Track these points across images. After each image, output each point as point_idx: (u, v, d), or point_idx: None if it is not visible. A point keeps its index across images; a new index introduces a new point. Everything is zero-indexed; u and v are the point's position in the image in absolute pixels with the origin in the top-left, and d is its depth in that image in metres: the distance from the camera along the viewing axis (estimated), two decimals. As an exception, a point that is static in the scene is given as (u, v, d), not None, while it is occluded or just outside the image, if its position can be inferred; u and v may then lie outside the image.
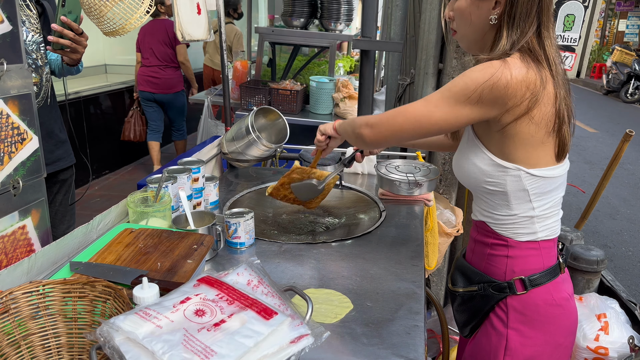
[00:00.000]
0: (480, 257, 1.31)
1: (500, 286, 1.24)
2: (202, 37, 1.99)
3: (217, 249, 1.48)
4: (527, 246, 1.23)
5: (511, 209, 1.20)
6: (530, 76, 1.07)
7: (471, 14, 1.17)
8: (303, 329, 0.85)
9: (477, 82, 1.08)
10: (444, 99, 1.12)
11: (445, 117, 1.12)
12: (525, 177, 1.16)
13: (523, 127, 1.11)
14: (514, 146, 1.14)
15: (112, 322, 0.81)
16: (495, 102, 1.08)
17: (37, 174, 1.40)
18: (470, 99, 1.08)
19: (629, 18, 19.07)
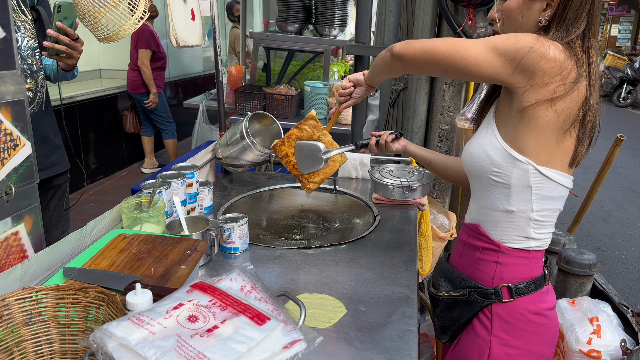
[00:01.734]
0: (468, 261, 1.29)
1: (486, 292, 1.23)
2: (196, 42, 2.00)
3: (211, 254, 1.48)
4: (518, 254, 1.22)
5: (510, 204, 1.18)
6: (566, 63, 1.06)
7: (522, 15, 1.15)
8: (296, 335, 0.86)
9: (519, 38, 1.07)
10: (485, 42, 1.10)
11: (477, 55, 1.09)
12: (533, 174, 1.14)
13: (541, 110, 1.08)
14: (529, 134, 1.11)
15: (105, 329, 0.81)
16: (526, 69, 1.06)
17: (30, 180, 1.40)
18: (507, 52, 1.07)
19: (621, 23, 19.24)
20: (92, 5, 1.43)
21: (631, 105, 11.84)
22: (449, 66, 1.13)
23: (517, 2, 1.15)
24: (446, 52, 1.12)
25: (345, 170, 2.22)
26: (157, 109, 5.32)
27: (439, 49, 1.13)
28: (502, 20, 1.19)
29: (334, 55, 5.51)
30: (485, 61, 1.09)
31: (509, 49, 1.07)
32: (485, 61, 1.09)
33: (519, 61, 1.06)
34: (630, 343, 2.23)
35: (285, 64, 4.45)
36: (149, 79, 5.07)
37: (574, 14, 1.09)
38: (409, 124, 2.54)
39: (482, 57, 1.09)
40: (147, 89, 5.16)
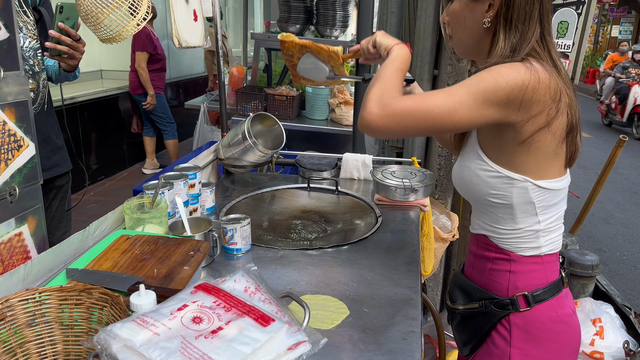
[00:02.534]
0: (481, 272, 1.24)
1: (502, 303, 1.18)
2: (199, 43, 2.00)
3: (214, 255, 1.48)
4: (531, 261, 1.18)
5: (516, 222, 1.15)
6: (553, 83, 1.03)
7: (465, 18, 1.13)
8: (300, 336, 0.85)
9: (507, 79, 1.00)
10: (471, 95, 1.01)
11: (469, 116, 1.02)
12: (533, 189, 1.11)
13: (541, 136, 1.06)
14: (526, 157, 1.08)
15: (110, 330, 0.81)
16: (521, 106, 1.01)
17: (34, 180, 1.40)
18: (499, 99, 1.00)
19: (621, 24, 19.23)
20: (94, 6, 1.43)
21: (632, 106, 11.82)
22: (438, 132, 1.13)
23: (460, 5, 1.13)
24: (431, 127, 1.04)
25: (347, 171, 2.22)
26: (157, 110, 5.34)
27: (422, 127, 1.04)
28: (450, 23, 1.17)
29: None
30: (478, 116, 1.03)
31: (500, 96, 1.00)
32: (478, 116, 1.03)
33: (513, 103, 1.01)
34: (633, 344, 2.23)
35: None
36: (146, 81, 5.10)
37: (520, 12, 1.06)
38: (411, 124, 2.54)
39: (473, 114, 1.02)
40: (144, 90, 5.19)
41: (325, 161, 2.23)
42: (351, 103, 3.61)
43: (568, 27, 2.23)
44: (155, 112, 5.34)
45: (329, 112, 3.91)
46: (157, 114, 5.38)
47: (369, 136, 3.22)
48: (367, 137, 3.19)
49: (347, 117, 3.71)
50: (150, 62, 5.12)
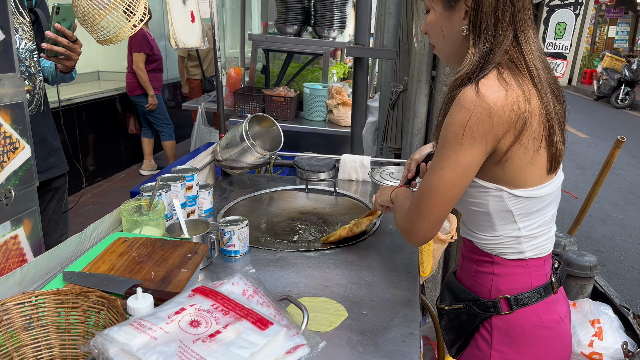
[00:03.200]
0: (467, 273, 1.24)
1: (485, 305, 1.17)
2: (196, 45, 1.99)
3: (212, 257, 1.47)
4: (514, 264, 1.16)
5: (495, 229, 1.14)
6: (510, 98, 1.00)
7: (442, 28, 1.11)
8: (299, 339, 0.85)
9: (462, 122, 1.01)
10: (444, 158, 1.05)
11: (455, 174, 1.04)
12: (508, 198, 1.10)
13: (513, 152, 1.04)
14: (501, 171, 1.07)
15: (107, 334, 0.80)
16: (487, 136, 1.01)
17: (30, 183, 1.39)
18: (463, 144, 1.02)
19: (618, 24, 19.30)
20: (91, 7, 1.42)
21: (629, 106, 11.86)
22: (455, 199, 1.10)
23: (436, 16, 1.11)
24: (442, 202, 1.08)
25: (345, 172, 2.21)
26: (154, 111, 5.35)
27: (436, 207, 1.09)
28: (430, 33, 1.16)
29: (333, 57, 5.51)
30: (463, 169, 1.04)
31: (464, 140, 1.01)
32: (463, 169, 1.04)
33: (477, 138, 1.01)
34: (632, 345, 2.23)
35: (284, 65, 4.45)
36: (145, 82, 5.09)
37: (489, 18, 1.03)
38: (409, 125, 2.53)
39: (457, 171, 1.04)
40: (144, 91, 5.19)
41: (323, 162, 2.23)
42: (349, 104, 3.61)
43: (566, 28, 2.23)
44: (152, 113, 5.34)
45: (327, 113, 3.91)
46: (155, 115, 5.37)
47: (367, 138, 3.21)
48: (365, 138, 3.19)
49: (345, 118, 3.71)
50: (147, 63, 5.11)
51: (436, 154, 1.08)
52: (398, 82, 2.67)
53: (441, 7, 1.10)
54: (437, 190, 1.07)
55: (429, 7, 1.13)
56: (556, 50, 2.28)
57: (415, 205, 1.12)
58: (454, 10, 1.08)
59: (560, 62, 2.29)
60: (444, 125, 1.05)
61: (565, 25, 2.24)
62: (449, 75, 2.32)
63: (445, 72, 2.33)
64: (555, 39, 2.27)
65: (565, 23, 2.24)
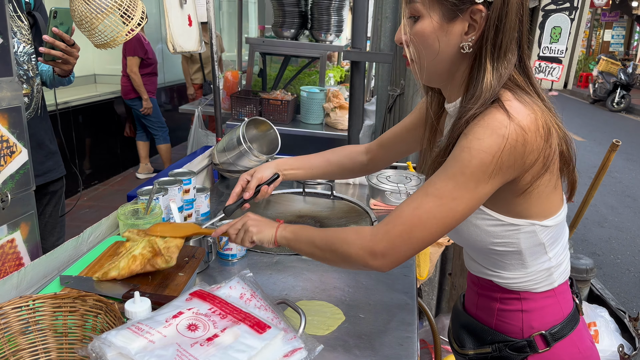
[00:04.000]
0: (488, 312, 1.10)
1: (518, 345, 1.05)
2: (193, 48, 1.99)
3: (209, 261, 1.47)
4: (543, 296, 1.05)
5: (526, 267, 1.03)
6: (539, 119, 0.88)
7: (439, 40, 0.92)
8: (296, 343, 0.85)
9: (492, 151, 0.86)
10: (461, 187, 0.89)
11: (470, 206, 0.91)
12: (541, 231, 0.99)
13: (539, 180, 0.93)
14: (528, 203, 0.96)
15: (104, 338, 0.81)
16: (515, 165, 0.88)
17: (27, 186, 1.39)
18: (491, 173, 0.88)
19: (614, 28, 19.41)
20: (89, 12, 1.43)
21: (625, 109, 11.92)
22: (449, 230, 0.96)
23: (432, 26, 0.91)
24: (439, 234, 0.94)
25: (342, 175, 2.21)
26: (149, 115, 5.34)
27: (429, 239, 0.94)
28: (415, 44, 0.95)
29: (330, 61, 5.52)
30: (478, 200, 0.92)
31: (491, 170, 0.88)
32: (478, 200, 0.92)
33: (506, 168, 0.88)
34: (627, 348, 2.24)
35: (281, 69, 4.45)
36: (139, 86, 5.10)
37: (508, 37, 0.89)
38: (406, 129, 2.54)
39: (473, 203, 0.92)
40: (138, 94, 5.20)
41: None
42: (346, 107, 3.61)
43: (561, 32, 2.25)
44: (147, 116, 5.34)
45: (323, 116, 3.91)
46: (149, 119, 5.37)
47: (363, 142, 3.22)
48: (362, 141, 3.19)
49: (341, 121, 3.71)
50: (141, 67, 5.11)
51: (445, 178, 0.91)
52: (395, 85, 2.67)
53: (439, 17, 0.91)
54: (441, 222, 0.92)
55: (420, 14, 0.92)
56: (552, 55, 2.29)
57: (404, 232, 0.93)
58: (455, 22, 0.90)
59: (555, 66, 2.30)
60: (463, 148, 0.89)
61: (561, 30, 2.26)
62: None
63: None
64: (550, 43, 2.28)
65: (560, 27, 2.25)
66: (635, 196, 6.00)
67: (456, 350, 1.20)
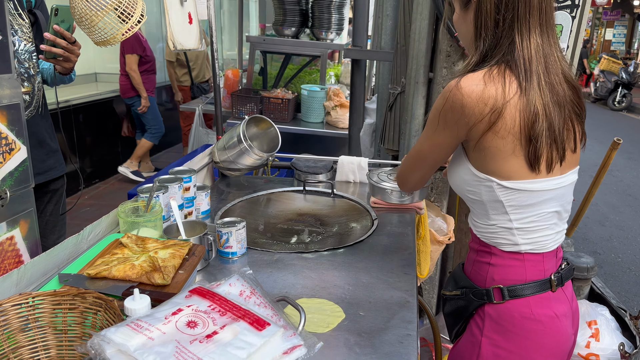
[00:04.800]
0: (470, 263, 1.32)
1: (479, 292, 1.24)
2: (194, 46, 1.99)
3: (209, 258, 1.47)
4: (510, 256, 1.22)
5: (489, 218, 1.22)
6: (488, 92, 1.08)
7: (461, 26, 1.20)
8: (296, 340, 0.85)
9: (437, 109, 1.15)
10: (424, 133, 1.22)
11: (430, 148, 1.22)
12: (498, 189, 1.16)
13: (489, 141, 1.12)
14: (485, 159, 1.15)
15: (103, 335, 0.80)
16: (458, 122, 1.12)
17: (26, 184, 1.39)
18: (439, 126, 1.16)
19: (615, 27, 19.37)
20: (89, 9, 1.43)
21: (626, 108, 11.90)
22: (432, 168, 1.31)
23: (457, 15, 1.21)
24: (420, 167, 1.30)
25: (343, 174, 2.21)
26: (146, 113, 5.29)
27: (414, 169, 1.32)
28: (457, 29, 1.25)
29: (331, 59, 5.52)
30: (437, 146, 1.21)
31: (439, 122, 1.16)
32: (437, 146, 1.21)
33: (450, 123, 1.14)
34: (628, 346, 2.24)
35: (282, 67, 4.45)
36: (139, 84, 5.05)
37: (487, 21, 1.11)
38: (406, 127, 2.54)
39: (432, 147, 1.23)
40: (136, 93, 5.14)
41: (320, 164, 2.23)
42: (346, 106, 3.61)
43: (562, 30, 2.24)
44: (144, 115, 5.29)
45: (324, 115, 3.91)
46: (147, 117, 5.31)
47: (364, 140, 3.22)
48: (362, 140, 3.19)
49: (342, 120, 3.71)
50: (140, 64, 5.08)
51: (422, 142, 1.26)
52: (395, 84, 2.67)
53: (459, 6, 1.18)
54: (414, 160, 1.29)
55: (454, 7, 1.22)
56: (553, 53, 2.29)
57: (400, 170, 1.38)
58: (468, 10, 1.16)
59: (557, 64, 2.30)
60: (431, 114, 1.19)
61: (562, 28, 2.25)
62: (446, 77, 2.33)
63: (442, 74, 2.34)
64: (552, 41, 2.28)
65: (561, 25, 2.25)
66: (636, 195, 5.99)
67: (442, 293, 1.42)
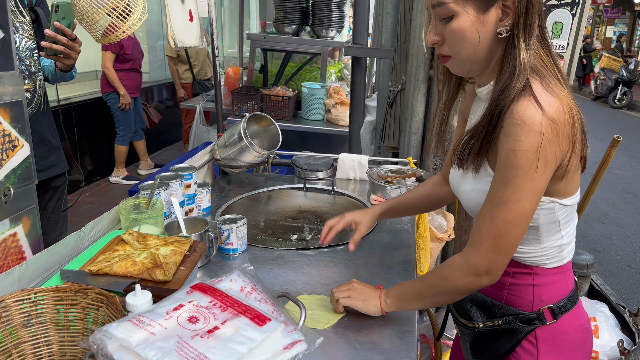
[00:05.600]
0: (499, 287, 1.15)
1: (528, 318, 1.12)
2: (194, 44, 1.99)
3: (210, 255, 1.48)
4: (554, 272, 1.12)
5: (541, 242, 1.09)
6: (565, 107, 0.94)
7: (478, 32, 0.98)
8: (296, 335, 0.86)
9: (534, 148, 0.93)
10: (520, 188, 0.95)
11: (534, 200, 0.98)
12: (559, 209, 1.05)
13: (571, 163, 0.99)
14: (554, 182, 1.01)
15: (105, 330, 0.81)
16: (556, 154, 0.95)
17: (28, 181, 1.39)
18: (539, 169, 0.94)
19: (616, 25, 19.35)
20: (90, 6, 1.43)
21: (626, 106, 11.89)
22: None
23: (469, 20, 0.97)
24: (521, 233, 1.00)
25: (343, 171, 2.22)
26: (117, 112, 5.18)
27: (516, 240, 1.00)
28: (452, 42, 1.01)
29: (331, 57, 5.52)
30: (540, 193, 0.98)
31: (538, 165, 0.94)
32: (540, 193, 0.98)
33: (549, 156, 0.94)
34: (627, 343, 2.25)
35: (282, 65, 4.46)
36: (114, 81, 4.99)
37: (536, 14, 0.97)
38: (407, 125, 2.54)
39: (536, 198, 0.98)
40: (111, 89, 5.07)
41: (321, 161, 2.23)
42: (347, 103, 3.62)
43: (562, 27, 2.25)
44: (116, 114, 5.18)
45: (325, 112, 3.91)
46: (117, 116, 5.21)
47: (364, 137, 3.22)
48: (363, 138, 3.20)
49: (343, 117, 3.71)
50: (118, 62, 5.01)
51: (502, 186, 0.97)
52: (396, 81, 2.67)
53: (474, 10, 0.97)
54: (518, 224, 0.98)
55: (454, 12, 0.98)
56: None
57: (492, 245, 1.00)
58: (489, 12, 0.97)
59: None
60: (508, 153, 0.95)
61: (562, 25, 2.25)
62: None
63: (442, 72, 2.34)
64: (552, 39, 2.28)
65: (562, 23, 2.25)
66: (636, 193, 6.00)
67: (464, 324, 1.23)
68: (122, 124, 5.28)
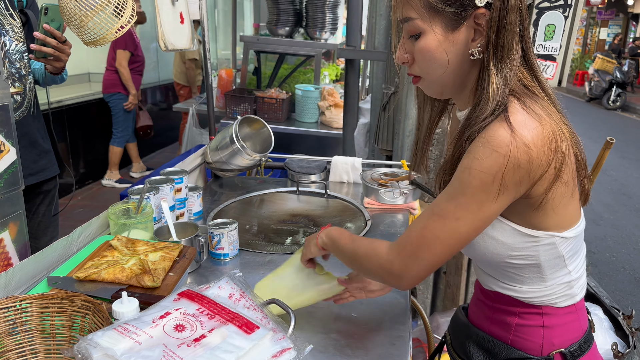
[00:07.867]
0: (504, 327, 1.04)
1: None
2: (185, 46, 1.98)
3: (200, 260, 1.46)
4: (566, 311, 1.01)
5: (545, 280, 0.98)
6: (547, 132, 0.84)
7: (446, 53, 0.89)
8: (285, 343, 0.84)
9: (493, 170, 0.83)
10: (463, 207, 0.87)
11: (474, 227, 0.89)
12: (561, 243, 0.95)
13: (555, 192, 0.89)
14: (544, 215, 0.92)
15: (90, 339, 0.80)
16: (521, 182, 0.85)
17: (15, 186, 1.37)
18: (492, 193, 0.85)
19: (609, 26, 19.46)
20: (78, 9, 1.41)
21: (620, 108, 11.95)
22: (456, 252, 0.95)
23: (437, 39, 0.89)
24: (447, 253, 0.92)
25: (336, 174, 2.21)
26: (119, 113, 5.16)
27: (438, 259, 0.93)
28: (421, 61, 0.93)
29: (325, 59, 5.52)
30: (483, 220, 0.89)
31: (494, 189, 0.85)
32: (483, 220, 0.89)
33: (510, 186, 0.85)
34: (621, 346, 2.24)
35: (276, 67, 4.45)
36: (128, 80, 4.98)
37: (509, 35, 0.86)
38: (400, 127, 2.54)
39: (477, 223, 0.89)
40: (118, 89, 5.04)
41: (314, 164, 2.22)
42: (341, 106, 3.61)
43: (555, 29, 2.24)
44: (117, 114, 5.16)
45: (318, 115, 3.90)
46: (119, 118, 5.18)
47: (358, 140, 3.21)
48: (356, 140, 3.19)
49: (336, 120, 3.71)
50: (130, 62, 5.02)
51: (447, 198, 0.90)
52: (389, 83, 2.67)
53: (442, 29, 0.88)
54: (447, 243, 0.90)
55: (420, 30, 0.89)
56: (546, 52, 2.29)
57: (412, 252, 0.93)
58: (459, 31, 0.88)
59: (549, 63, 2.30)
60: (464, 169, 0.87)
61: (555, 27, 2.25)
62: (440, 77, 2.32)
63: (436, 74, 2.34)
64: (544, 41, 2.28)
65: (554, 25, 2.25)
66: (630, 194, 6.02)
67: None
68: (122, 126, 5.26)
